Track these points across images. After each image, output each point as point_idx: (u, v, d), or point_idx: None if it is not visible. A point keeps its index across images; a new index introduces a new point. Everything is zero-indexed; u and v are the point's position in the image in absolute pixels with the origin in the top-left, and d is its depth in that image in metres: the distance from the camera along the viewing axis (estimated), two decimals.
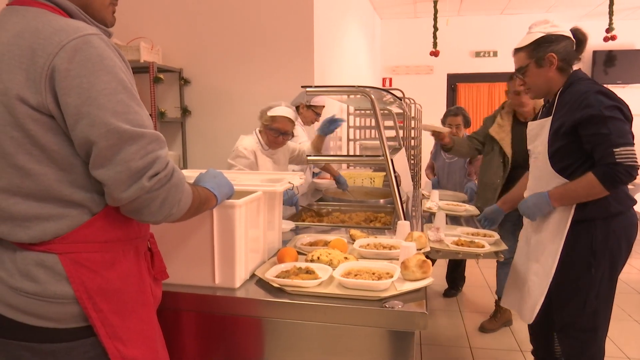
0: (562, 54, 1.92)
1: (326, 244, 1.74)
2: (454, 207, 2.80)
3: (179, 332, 1.37)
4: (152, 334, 1.13)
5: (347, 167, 4.42)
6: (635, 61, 6.84)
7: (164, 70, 3.85)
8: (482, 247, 1.97)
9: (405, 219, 1.91)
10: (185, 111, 4.09)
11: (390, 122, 3.91)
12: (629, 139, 1.75)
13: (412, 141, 4.75)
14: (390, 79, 7.48)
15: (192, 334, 1.37)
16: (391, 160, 2.01)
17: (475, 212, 2.77)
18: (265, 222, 1.60)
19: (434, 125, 3.17)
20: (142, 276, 1.11)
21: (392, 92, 2.69)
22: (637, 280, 4.28)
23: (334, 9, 4.52)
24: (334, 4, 4.53)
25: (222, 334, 1.35)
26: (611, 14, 5.45)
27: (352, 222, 2.48)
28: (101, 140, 0.93)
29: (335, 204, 2.86)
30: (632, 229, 1.90)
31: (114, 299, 1.02)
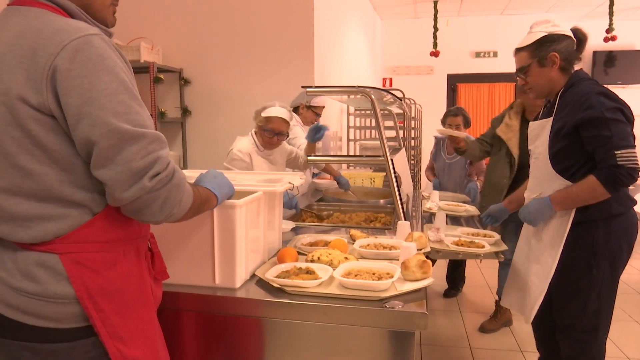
0: (564, 53, 1.91)
1: (326, 244, 1.74)
2: (454, 207, 2.80)
3: (179, 332, 1.37)
4: (153, 334, 1.13)
5: (347, 167, 4.43)
6: (635, 62, 6.84)
7: (164, 70, 3.85)
8: (482, 247, 1.97)
9: (405, 219, 1.91)
10: (185, 111, 4.09)
11: (390, 123, 3.91)
12: (630, 141, 1.75)
13: (412, 141, 4.76)
14: (390, 79, 7.48)
15: (192, 334, 1.37)
16: (391, 160, 2.01)
17: (475, 212, 2.77)
18: (265, 222, 1.60)
19: (450, 130, 3.17)
20: (143, 276, 1.12)
21: (393, 92, 2.69)
22: (637, 280, 4.28)
23: (334, 9, 4.52)
24: (335, 5, 4.53)
25: (222, 334, 1.35)
26: (611, 14, 5.46)
27: (352, 222, 2.49)
28: (102, 140, 0.93)
29: (335, 204, 2.86)
30: (632, 230, 1.90)
31: (114, 299, 1.03)
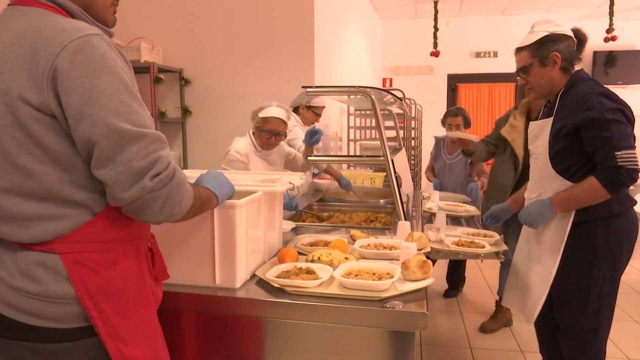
0: (565, 53, 1.91)
1: (327, 244, 1.74)
2: (454, 207, 2.80)
3: (179, 332, 1.37)
4: (153, 334, 1.13)
5: (348, 167, 4.43)
6: (635, 62, 6.84)
7: (164, 70, 3.85)
8: (483, 247, 1.97)
9: (405, 220, 1.91)
10: (185, 111, 4.09)
11: (390, 123, 3.91)
12: (631, 142, 1.75)
13: (413, 141, 4.76)
14: (390, 80, 7.48)
15: (192, 334, 1.37)
16: (392, 160, 2.01)
17: (475, 212, 2.77)
18: (265, 223, 1.60)
19: (462, 133, 3.16)
20: (143, 276, 1.12)
21: (393, 92, 2.69)
22: (637, 281, 4.28)
23: (334, 9, 4.52)
24: (335, 5, 4.53)
25: (222, 334, 1.35)
26: (612, 14, 5.46)
27: (352, 222, 2.49)
28: (103, 140, 0.93)
29: (335, 204, 2.86)
30: (633, 229, 1.90)
31: (115, 299, 1.02)
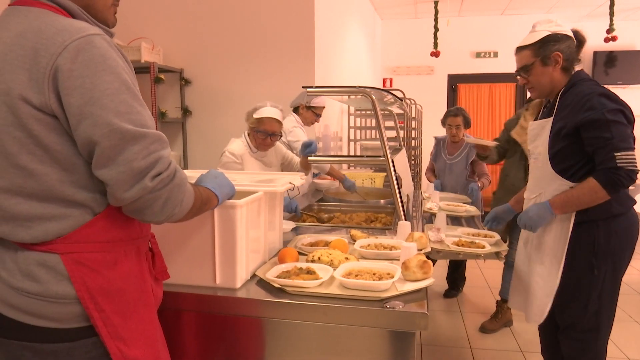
0: (566, 53, 1.91)
1: (327, 245, 1.74)
2: (455, 207, 2.80)
3: (179, 332, 1.37)
4: (154, 334, 1.13)
5: (348, 167, 4.43)
6: (635, 62, 6.84)
7: (164, 70, 3.85)
8: (483, 247, 1.97)
9: (406, 220, 1.91)
10: (186, 111, 4.09)
11: (390, 123, 3.91)
12: (630, 143, 1.76)
13: (413, 142, 4.76)
14: (390, 80, 7.48)
15: (192, 334, 1.37)
16: (392, 160, 2.01)
17: (475, 212, 2.77)
18: (266, 223, 1.60)
19: (481, 139, 3.16)
20: (144, 276, 1.12)
21: (393, 92, 2.68)
22: (637, 281, 4.28)
23: (334, 10, 4.52)
24: (335, 5, 4.53)
25: (222, 334, 1.36)
26: (612, 14, 5.46)
27: (352, 222, 2.49)
28: (104, 140, 0.93)
29: (335, 205, 2.86)
30: (633, 229, 1.90)
31: (115, 299, 1.03)
